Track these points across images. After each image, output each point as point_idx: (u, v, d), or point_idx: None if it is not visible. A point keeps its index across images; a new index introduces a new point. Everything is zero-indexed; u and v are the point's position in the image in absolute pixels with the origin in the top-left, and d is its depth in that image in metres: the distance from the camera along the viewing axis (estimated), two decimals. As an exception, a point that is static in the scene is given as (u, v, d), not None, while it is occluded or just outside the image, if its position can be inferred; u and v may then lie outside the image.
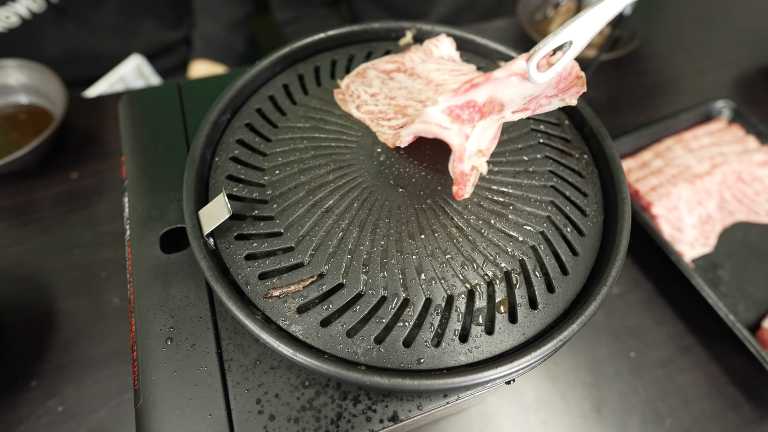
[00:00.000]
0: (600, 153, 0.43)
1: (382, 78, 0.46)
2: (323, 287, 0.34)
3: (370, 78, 0.46)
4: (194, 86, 0.51)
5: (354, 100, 0.44)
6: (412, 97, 0.44)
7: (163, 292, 0.37)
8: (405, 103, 0.43)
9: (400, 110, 0.43)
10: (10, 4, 0.91)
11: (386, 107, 0.43)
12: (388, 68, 0.46)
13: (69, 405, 0.56)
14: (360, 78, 0.46)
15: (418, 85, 0.45)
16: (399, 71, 0.46)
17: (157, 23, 1.13)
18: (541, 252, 0.37)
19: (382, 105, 0.43)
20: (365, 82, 0.45)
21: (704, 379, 0.62)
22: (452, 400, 0.33)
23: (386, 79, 0.46)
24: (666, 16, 1.06)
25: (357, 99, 0.44)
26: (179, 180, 0.39)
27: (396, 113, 0.43)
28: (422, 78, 0.45)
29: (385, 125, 0.42)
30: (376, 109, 0.43)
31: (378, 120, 0.42)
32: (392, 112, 0.43)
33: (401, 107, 0.43)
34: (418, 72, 0.45)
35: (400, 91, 0.44)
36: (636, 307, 0.67)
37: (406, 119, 0.41)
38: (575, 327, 0.32)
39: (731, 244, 0.73)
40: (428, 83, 0.44)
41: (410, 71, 0.46)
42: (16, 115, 0.75)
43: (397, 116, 0.42)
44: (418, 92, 0.44)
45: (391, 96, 0.44)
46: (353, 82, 0.46)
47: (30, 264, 0.65)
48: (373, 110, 0.43)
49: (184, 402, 0.33)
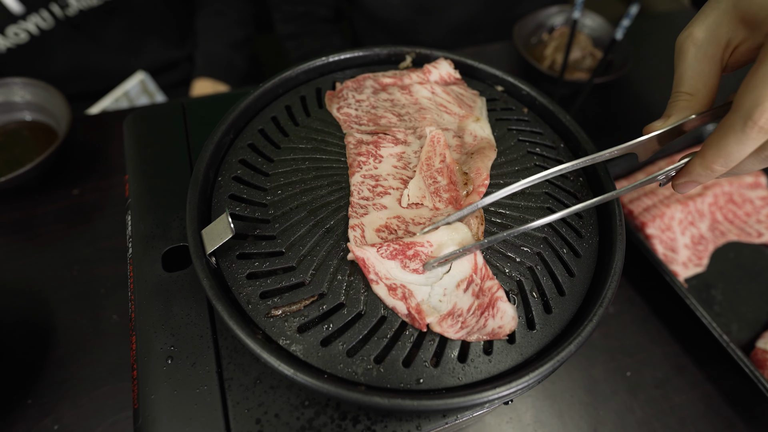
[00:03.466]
0: (594, 175, 0.44)
1: (376, 88, 0.47)
2: (324, 307, 0.34)
3: (365, 86, 0.48)
4: (198, 105, 0.52)
5: (338, 102, 0.46)
6: (392, 109, 0.46)
7: (164, 311, 0.38)
8: (382, 114, 0.45)
9: (374, 119, 0.45)
10: (20, 22, 0.93)
11: (363, 113, 0.45)
12: (385, 81, 0.49)
13: (65, 423, 0.55)
14: (356, 84, 0.48)
15: (405, 101, 0.47)
16: (395, 85, 0.48)
17: (162, 41, 1.16)
18: (538, 273, 0.38)
19: (361, 111, 0.46)
20: (359, 88, 0.47)
21: (700, 399, 0.63)
22: (451, 420, 0.34)
23: (379, 90, 0.48)
24: (657, 42, 1.09)
25: (342, 101, 0.46)
26: (182, 199, 0.40)
27: (369, 121, 0.45)
28: (412, 96, 0.47)
29: (354, 128, 0.44)
30: (353, 113, 0.46)
31: (350, 124, 0.45)
32: (366, 119, 0.45)
33: (376, 116, 0.45)
34: (412, 90, 0.47)
35: (384, 102, 0.47)
36: (631, 327, 0.68)
37: (375, 128, 0.44)
38: (572, 348, 0.33)
39: (723, 265, 0.74)
40: (415, 102, 0.47)
41: (407, 88, 0.48)
42: (20, 131, 0.75)
43: (369, 124, 0.45)
44: (401, 106, 0.46)
45: (374, 105, 0.46)
46: (348, 86, 0.48)
47: (29, 279, 0.65)
48: (350, 113, 0.46)
49: (184, 421, 0.33)
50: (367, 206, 0.39)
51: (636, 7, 0.77)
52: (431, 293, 0.35)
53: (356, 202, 0.39)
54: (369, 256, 0.34)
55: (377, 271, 0.35)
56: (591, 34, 0.96)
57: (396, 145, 0.43)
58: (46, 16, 0.96)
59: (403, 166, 0.42)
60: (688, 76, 0.35)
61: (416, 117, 0.45)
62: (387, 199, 0.39)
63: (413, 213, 0.39)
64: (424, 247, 0.35)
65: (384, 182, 0.40)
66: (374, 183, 0.40)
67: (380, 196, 0.40)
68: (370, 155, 0.42)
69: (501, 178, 0.42)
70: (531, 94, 0.50)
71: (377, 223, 0.38)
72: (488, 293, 0.35)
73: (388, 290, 0.34)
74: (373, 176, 0.41)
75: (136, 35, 1.11)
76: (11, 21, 0.92)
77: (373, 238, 0.37)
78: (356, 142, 0.43)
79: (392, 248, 0.35)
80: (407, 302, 0.34)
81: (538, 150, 0.46)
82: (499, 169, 0.43)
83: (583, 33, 0.95)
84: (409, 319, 0.34)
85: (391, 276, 0.35)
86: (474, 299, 0.35)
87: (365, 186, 0.40)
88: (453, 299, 0.35)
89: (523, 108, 0.50)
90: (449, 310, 0.34)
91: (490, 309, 0.34)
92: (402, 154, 0.43)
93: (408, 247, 0.35)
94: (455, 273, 0.35)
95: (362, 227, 0.37)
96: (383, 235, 0.37)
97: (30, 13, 0.93)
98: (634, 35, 1.02)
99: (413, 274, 0.35)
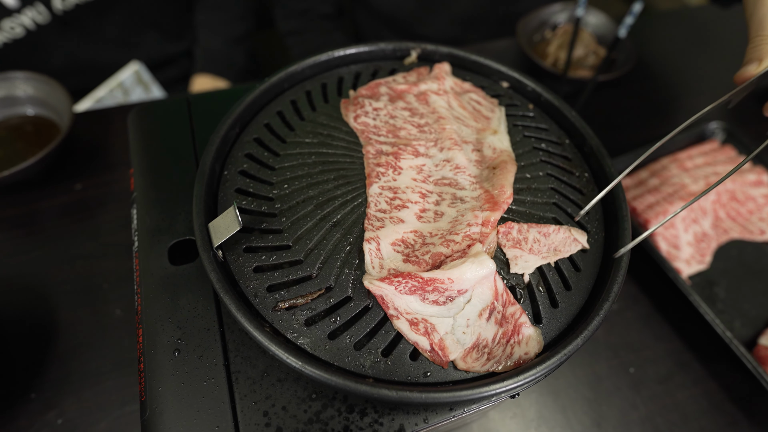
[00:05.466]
0: (600, 171, 0.44)
1: (392, 96, 0.47)
2: (331, 300, 0.34)
3: (380, 93, 0.47)
4: (202, 100, 0.52)
5: (356, 110, 0.45)
6: (411, 120, 0.45)
7: (171, 304, 0.38)
8: (401, 125, 0.45)
9: (393, 130, 0.44)
10: (16, 15, 0.93)
11: (381, 124, 0.45)
12: (400, 89, 0.48)
13: (68, 417, 0.55)
14: (370, 91, 0.47)
15: (423, 110, 0.46)
16: (410, 93, 0.47)
17: (160, 36, 1.15)
18: (545, 267, 0.38)
19: (379, 121, 0.45)
20: (374, 96, 0.47)
21: (702, 396, 0.63)
22: (458, 413, 0.34)
23: (396, 98, 0.47)
24: (660, 40, 1.09)
25: (360, 109, 0.45)
26: (188, 192, 0.40)
27: (388, 132, 0.44)
28: (429, 106, 0.46)
29: (373, 139, 0.43)
30: (372, 122, 0.45)
31: (369, 134, 0.44)
32: (385, 131, 0.44)
33: (395, 128, 0.44)
34: (429, 100, 0.47)
35: (403, 112, 0.46)
36: (635, 323, 0.68)
37: (395, 140, 0.43)
38: (579, 341, 0.33)
39: (726, 262, 0.74)
40: (433, 112, 0.46)
41: (423, 97, 0.47)
42: (23, 126, 0.75)
43: (388, 135, 0.44)
44: (420, 116, 0.45)
45: (392, 115, 0.45)
46: (362, 94, 0.47)
47: (32, 274, 0.65)
48: (368, 123, 0.44)
49: (192, 414, 0.33)
50: (384, 219, 0.38)
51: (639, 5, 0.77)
52: (454, 325, 0.33)
53: (373, 214, 0.38)
54: (387, 293, 0.33)
55: (396, 306, 0.33)
56: (594, 31, 0.96)
57: (416, 158, 0.42)
58: (41, 10, 0.95)
59: (423, 180, 0.41)
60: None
61: (436, 128, 0.44)
62: (405, 213, 0.38)
63: (431, 227, 0.38)
64: (444, 284, 0.33)
65: (402, 195, 0.39)
66: (392, 195, 0.39)
67: (398, 209, 0.38)
68: (389, 166, 0.41)
69: (507, 173, 0.42)
70: (536, 90, 0.50)
71: (393, 237, 0.36)
72: (512, 320, 0.34)
73: (410, 325, 0.33)
74: (392, 188, 0.40)
75: (134, 29, 1.10)
76: (6, 14, 0.92)
77: (389, 252, 0.36)
78: (375, 152, 0.42)
79: (410, 284, 0.33)
80: (430, 337, 0.33)
81: (544, 146, 0.46)
82: (505, 164, 0.43)
83: (587, 30, 0.95)
84: (431, 354, 0.33)
85: (411, 310, 0.33)
86: (498, 327, 0.34)
87: (383, 198, 0.39)
88: (477, 329, 0.33)
89: (529, 104, 0.50)
90: (474, 342, 0.33)
91: (515, 336, 0.34)
92: (422, 167, 0.42)
93: (427, 284, 0.33)
94: (476, 302, 0.34)
95: (378, 240, 0.36)
96: (399, 249, 0.36)
97: (25, 6, 0.93)
98: (637, 33, 1.02)
99: (434, 306, 0.33)
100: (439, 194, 0.40)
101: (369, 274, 0.35)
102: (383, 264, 0.35)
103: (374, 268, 0.35)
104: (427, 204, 0.39)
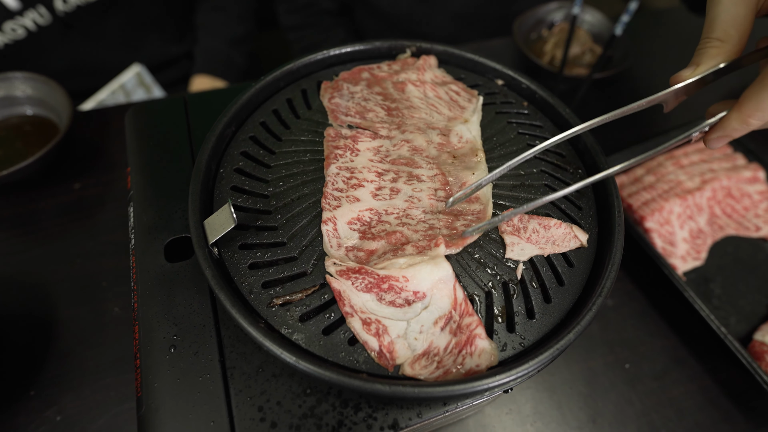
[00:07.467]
0: (594, 168, 0.44)
1: (370, 81, 0.48)
2: (325, 296, 0.35)
3: (361, 78, 0.48)
4: (199, 99, 0.53)
5: (332, 92, 0.46)
6: (382, 103, 0.46)
7: (166, 301, 0.38)
8: (371, 107, 0.46)
9: (362, 111, 0.45)
10: (17, 17, 0.93)
11: (352, 105, 0.46)
12: (380, 75, 0.49)
13: (67, 414, 0.56)
14: (352, 76, 0.48)
15: (396, 96, 0.47)
16: (389, 79, 0.48)
17: (161, 37, 1.15)
18: (538, 263, 0.38)
19: (352, 102, 0.46)
20: (355, 80, 0.48)
21: (698, 391, 0.63)
22: (451, 408, 0.34)
23: (373, 83, 0.48)
24: (656, 37, 1.09)
25: (336, 91, 0.47)
26: (184, 190, 0.40)
27: (356, 113, 0.45)
28: (404, 94, 0.47)
29: (340, 118, 0.45)
30: (343, 103, 0.46)
31: (337, 113, 0.45)
32: (353, 111, 0.45)
33: (364, 109, 0.46)
34: (405, 89, 0.48)
35: (376, 96, 0.47)
36: (630, 320, 0.68)
37: (360, 121, 0.44)
38: (572, 336, 0.33)
39: (722, 258, 0.74)
40: (407, 99, 0.47)
41: (401, 85, 0.48)
42: (22, 125, 0.76)
43: (355, 116, 0.45)
44: (392, 100, 0.47)
45: (366, 98, 0.47)
46: (345, 78, 0.48)
47: (31, 273, 0.66)
48: (340, 103, 0.46)
49: (187, 409, 0.33)
50: (341, 198, 0.39)
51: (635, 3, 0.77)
52: (408, 330, 0.33)
53: (330, 193, 0.39)
54: (345, 288, 0.34)
55: (353, 304, 0.33)
56: (590, 29, 0.96)
57: (374, 140, 0.43)
58: (43, 12, 0.95)
59: (380, 160, 0.42)
60: (721, 20, 0.32)
61: (405, 114, 0.45)
62: (360, 192, 0.40)
63: (386, 204, 0.39)
64: (398, 282, 0.34)
65: (359, 174, 0.41)
66: (349, 175, 0.40)
67: (354, 188, 0.40)
68: (347, 149, 0.42)
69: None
70: (531, 88, 0.50)
71: (349, 216, 0.38)
72: (467, 330, 0.33)
73: (362, 324, 0.33)
74: (349, 168, 0.41)
75: (135, 31, 1.10)
76: (8, 16, 0.92)
77: (346, 230, 0.37)
78: (335, 134, 0.43)
79: (367, 281, 0.34)
80: (380, 339, 0.33)
81: (538, 143, 0.46)
82: (497, 162, 0.43)
83: (583, 29, 0.96)
84: (378, 356, 0.32)
85: (366, 309, 0.33)
86: (452, 337, 0.33)
87: (340, 178, 0.40)
88: (430, 337, 0.33)
89: (523, 102, 0.50)
90: (425, 349, 0.33)
91: (467, 347, 0.33)
92: (379, 148, 0.43)
93: (383, 281, 0.34)
94: (434, 309, 0.34)
95: (335, 221, 0.37)
96: (356, 227, 0.37)
97: (27, 8, 0.93)
98: (633, 31, 1.02)
99: (390, 307, 0.34)
100: (396, 172, 0.41)
101: (329, 257, 0.36)
102: (341, 243, 0.36)
103: (332, 247, 0.36)
104: (383, 182, 0.41)
